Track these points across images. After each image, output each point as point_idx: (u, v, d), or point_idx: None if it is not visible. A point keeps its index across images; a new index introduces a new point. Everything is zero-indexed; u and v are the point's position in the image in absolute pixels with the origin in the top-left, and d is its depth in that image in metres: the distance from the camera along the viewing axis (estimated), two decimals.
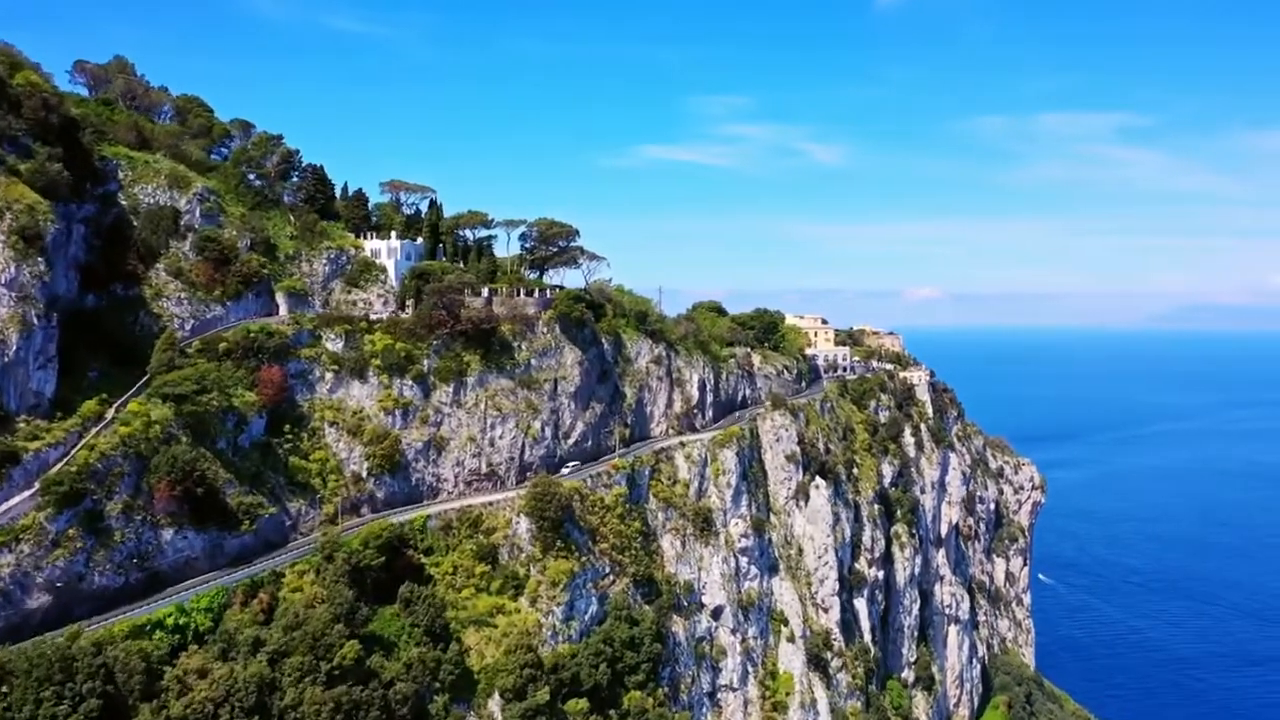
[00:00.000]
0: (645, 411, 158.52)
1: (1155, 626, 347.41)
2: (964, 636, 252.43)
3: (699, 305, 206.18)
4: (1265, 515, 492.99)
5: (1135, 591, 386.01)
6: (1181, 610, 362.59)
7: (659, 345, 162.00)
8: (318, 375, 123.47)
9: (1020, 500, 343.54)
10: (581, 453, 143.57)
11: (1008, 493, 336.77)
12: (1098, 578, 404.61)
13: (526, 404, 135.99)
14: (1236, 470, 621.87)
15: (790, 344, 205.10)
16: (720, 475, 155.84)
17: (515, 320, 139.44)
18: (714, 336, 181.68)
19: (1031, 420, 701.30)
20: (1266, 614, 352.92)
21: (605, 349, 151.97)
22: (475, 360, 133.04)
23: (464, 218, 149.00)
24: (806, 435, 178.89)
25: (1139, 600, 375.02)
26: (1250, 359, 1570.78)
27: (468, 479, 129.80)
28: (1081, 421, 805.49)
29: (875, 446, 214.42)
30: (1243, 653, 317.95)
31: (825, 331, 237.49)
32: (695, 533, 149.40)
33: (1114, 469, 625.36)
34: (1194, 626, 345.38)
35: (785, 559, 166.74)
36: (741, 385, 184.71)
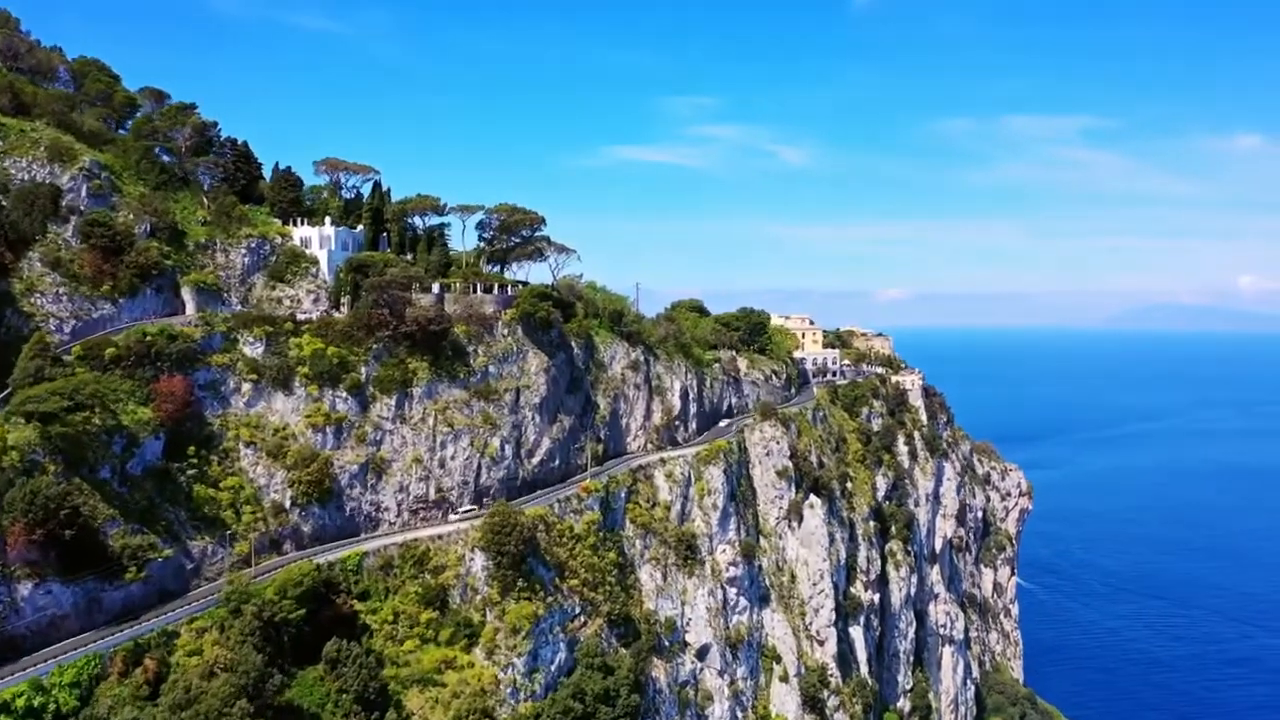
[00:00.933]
0: (621, 424, 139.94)
1: (1132, 629, 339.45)
2: (958, 657, 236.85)
3: (678, 304, 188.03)
4: (1237, 516, 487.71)
5: (1112, 594, 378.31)
6: (1158, 612, 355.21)
7: (636, 349, 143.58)
8: (232, 386, 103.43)
9: (1007, 507, 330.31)
10: (548, 473, 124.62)
11: (994, 500, 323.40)
12: (1074, 580, 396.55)
13: (483, 418, 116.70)
14: (1207, 471, 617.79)
15: (778, 347, 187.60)
16: (706, 496, 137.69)
17: (471, 321, 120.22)
18: (696, 339, 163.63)
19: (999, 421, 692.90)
20: (1242, 615, 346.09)
21: (575, 353, 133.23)
22: (423, 367, 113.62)
23: (412, 202, 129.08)
24: (799, 448, 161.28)
25: (1116, 603, 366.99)
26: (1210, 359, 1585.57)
27: (413, 507, 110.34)
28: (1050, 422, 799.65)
29: (869, 458, 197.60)
30: (1219, 654, 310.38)
31: (813, 333, 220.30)
32: (678, 562, 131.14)
33: (1086, 470, 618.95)
34: (1171, 628, 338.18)
35: (777, 587, 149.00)
36: (727, 393, 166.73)
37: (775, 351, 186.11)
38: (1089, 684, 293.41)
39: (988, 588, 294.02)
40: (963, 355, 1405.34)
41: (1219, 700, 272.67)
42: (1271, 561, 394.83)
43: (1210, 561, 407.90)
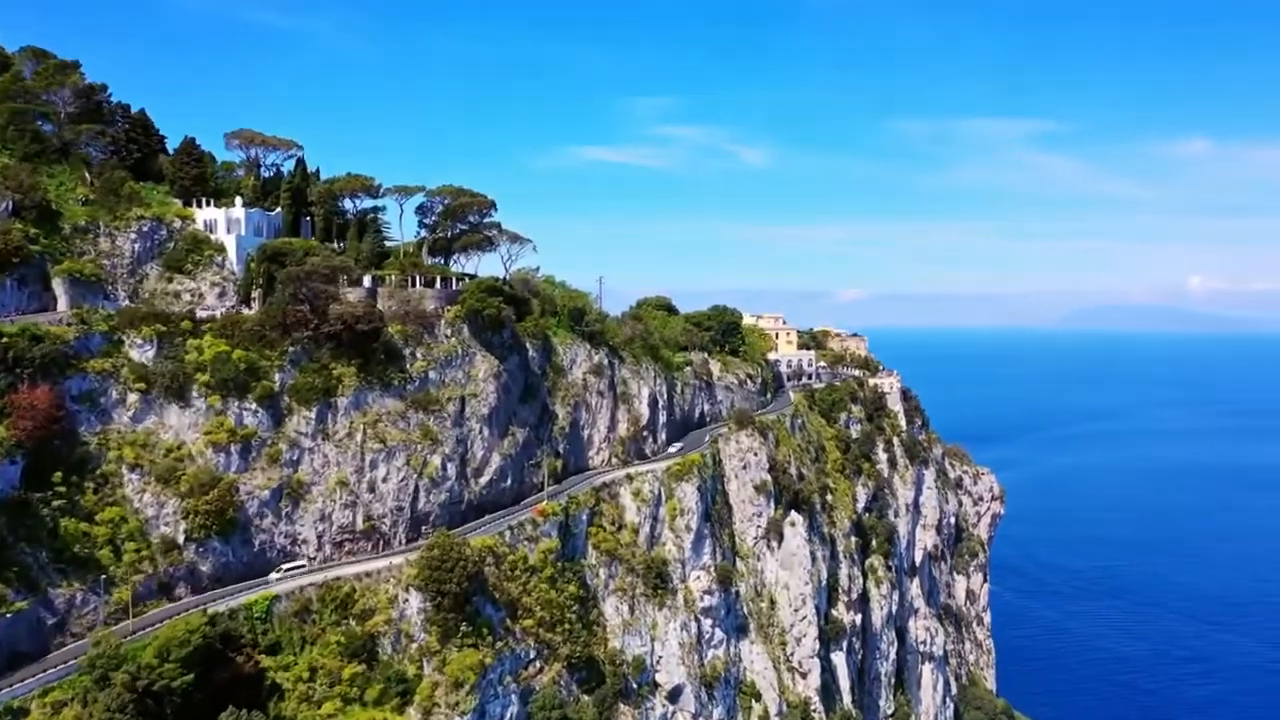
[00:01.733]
0: (582, 436, 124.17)
1: (1095, 628, 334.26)
2: (938, 674, 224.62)
3: (645, 302, 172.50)
4: (1194, 515, 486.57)
5: (1074, 594, 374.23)
6: (1120, 611, 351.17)
7: (599, 351, 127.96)
8: (114, 398, 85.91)
9: (980, 512, 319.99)
10: (498, 495, 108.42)
11: (967, 504, 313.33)
12: (1038, 581, 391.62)
13: (422, 432, 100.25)
14: (1166, 470, 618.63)
15: (753, 348, 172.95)
16: (678, 516, 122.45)
17: (408, 319, 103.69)
18: (665, 340, 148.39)
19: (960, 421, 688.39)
20: (1200, 614, 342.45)
21: (530, 356, 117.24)
22: (350, 374, 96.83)
23: (340, 183, 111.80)
24: (777, 459, 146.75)
25: (1078, 602, 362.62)
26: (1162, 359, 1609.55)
27: (337, 539, 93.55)
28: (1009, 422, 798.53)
29: (848, 467, 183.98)
30: (1180, 652, 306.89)
31: (787, 333, 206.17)
32: (647, 592, 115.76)
33: (1047, 470, 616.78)
34: (1133, 627, 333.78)
35: (755, 615, 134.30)
36: (699, 399, 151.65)
37: (750, 353, 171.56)
38: (1054, 685, 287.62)
39: (961, 596, 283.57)
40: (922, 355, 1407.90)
41: (1181, 698, 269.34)
42: (1227, 561, 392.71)
43: (1169, 561, 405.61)
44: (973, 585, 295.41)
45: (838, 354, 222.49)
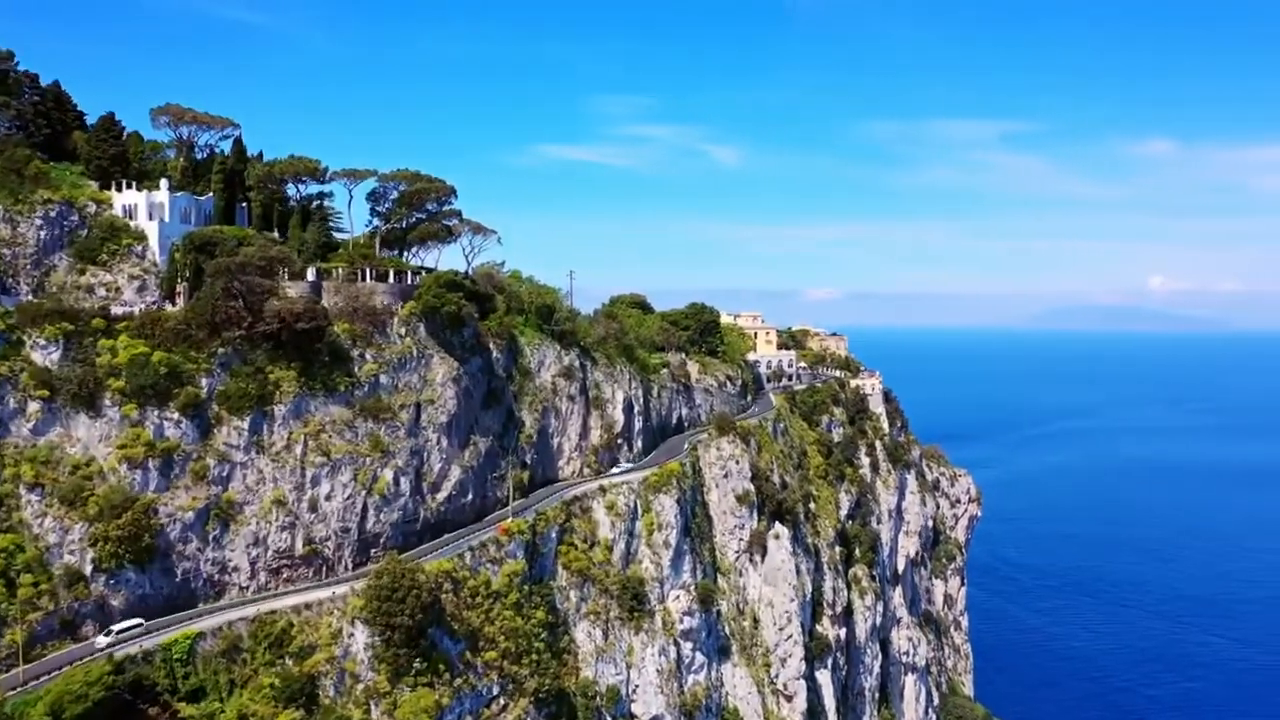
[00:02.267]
0: (552, 445, 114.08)
1: (1069, 628, 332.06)
2: (920, 686, 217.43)
3: (618, 299, 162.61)
4: (1165, 514, 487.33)
5: (1046, 593, 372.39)
6: (1091, 610, 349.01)
7: (570, 352, 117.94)
8: (12, 407, 74.66)
9: (957, 515, 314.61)
10: (458, 512, 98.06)
11: (944, 507, 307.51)
12: (1010, 580, 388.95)
13: (372, 443, 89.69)
14: (1134, 469, 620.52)
15: (732, 349, 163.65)
16: (655, 531, 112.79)
17: (357, 317, 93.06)
18: (641, 340, 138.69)
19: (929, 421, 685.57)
20: (1174, 614, 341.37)
21: (494, 358, 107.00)
22: (289, 378, 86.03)
23: (282, 165, 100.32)
24: (760, 467, 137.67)
25: (1050, 601, 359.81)
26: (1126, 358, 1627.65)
27: (273, 566, 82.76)
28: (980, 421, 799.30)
29: (831, 473, 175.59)
30: (1154, 653, 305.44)
31: (767, 333, 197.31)
32: (622, 615, 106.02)
33: (1018, 469, 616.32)
34: (1105, 627, 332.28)
35: (738, 635, 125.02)
36: (677, 403, 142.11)
37: (729, 354, 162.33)
38: (1027, 685, 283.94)
39: (939, 600, 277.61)
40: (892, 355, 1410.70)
41: (1152, 695, 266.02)
42: (1198, 559, 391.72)
43: (1138, 559, 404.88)
44: (950, 589, 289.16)
45: (818, 354, 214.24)
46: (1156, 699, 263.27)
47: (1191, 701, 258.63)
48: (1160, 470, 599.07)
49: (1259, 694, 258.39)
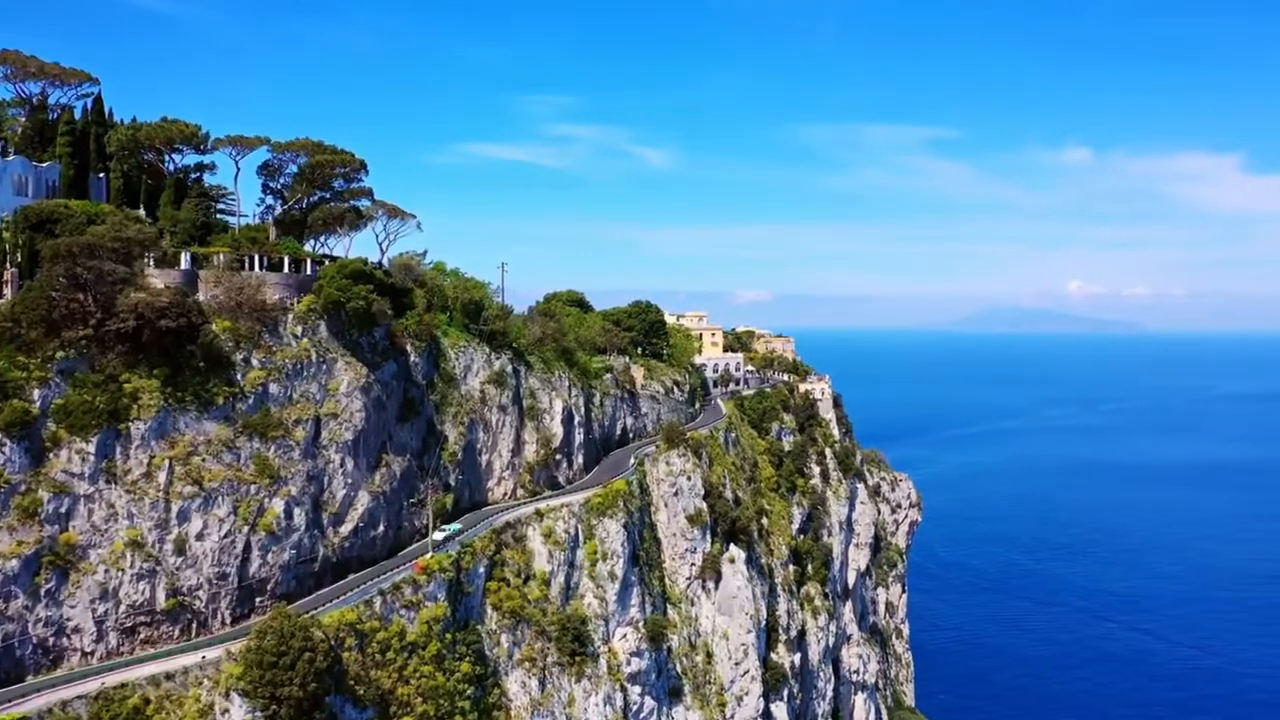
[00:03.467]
0: (480, 463, 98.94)
1: (997, 627, 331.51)
2: (870, 704, 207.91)
3: (554, 296, 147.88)
4: (1087, 512, 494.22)
5: (975, 592, 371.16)
6: (1020, 610, 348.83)
7: (501, 355, 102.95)
8: None
9: (898, 520, 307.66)
10: (367, 547, 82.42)
11: (885, 512, 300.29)
12: (939, 580, 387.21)
13: (258, 467, 73.55)
14: (1056, 468, 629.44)
15: (679, 351, 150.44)
16: (599, 561, 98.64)
17: (242, 313, 76.70)
18: (581, 341, 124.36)
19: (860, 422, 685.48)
20: (1098, 610, 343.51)
21: (412, 362, 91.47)
22: (151, 388, 69.42)
23: (150, 130, 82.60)
24: (712, 482, 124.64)
25: (981, 603, 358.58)
26: (1047, 359, 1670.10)
27: (126, 625, 66.14)
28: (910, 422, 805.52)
29: (782, 484, 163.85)
30: (1080, 649, 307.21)
31: (713, 334, 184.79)
32: (561, 661, 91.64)
33: (946, 469, 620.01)
34: (1033, 625, 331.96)
35: (690, 674, 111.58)
36: (621, 412, 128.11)
37: (676, 357, 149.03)
38: (960, 685, 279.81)
39: (880, 608, 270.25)
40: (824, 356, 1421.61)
41: (1079, 691, 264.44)
42: (1122, 558, 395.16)
43: (1063, 557, 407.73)
44: (891, 596, 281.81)
45: (765, 356, 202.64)
46: (1082, 693, 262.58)
47: (1114, 695, 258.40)
48: (1080, 469, 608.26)
49: (1179, 686, 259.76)
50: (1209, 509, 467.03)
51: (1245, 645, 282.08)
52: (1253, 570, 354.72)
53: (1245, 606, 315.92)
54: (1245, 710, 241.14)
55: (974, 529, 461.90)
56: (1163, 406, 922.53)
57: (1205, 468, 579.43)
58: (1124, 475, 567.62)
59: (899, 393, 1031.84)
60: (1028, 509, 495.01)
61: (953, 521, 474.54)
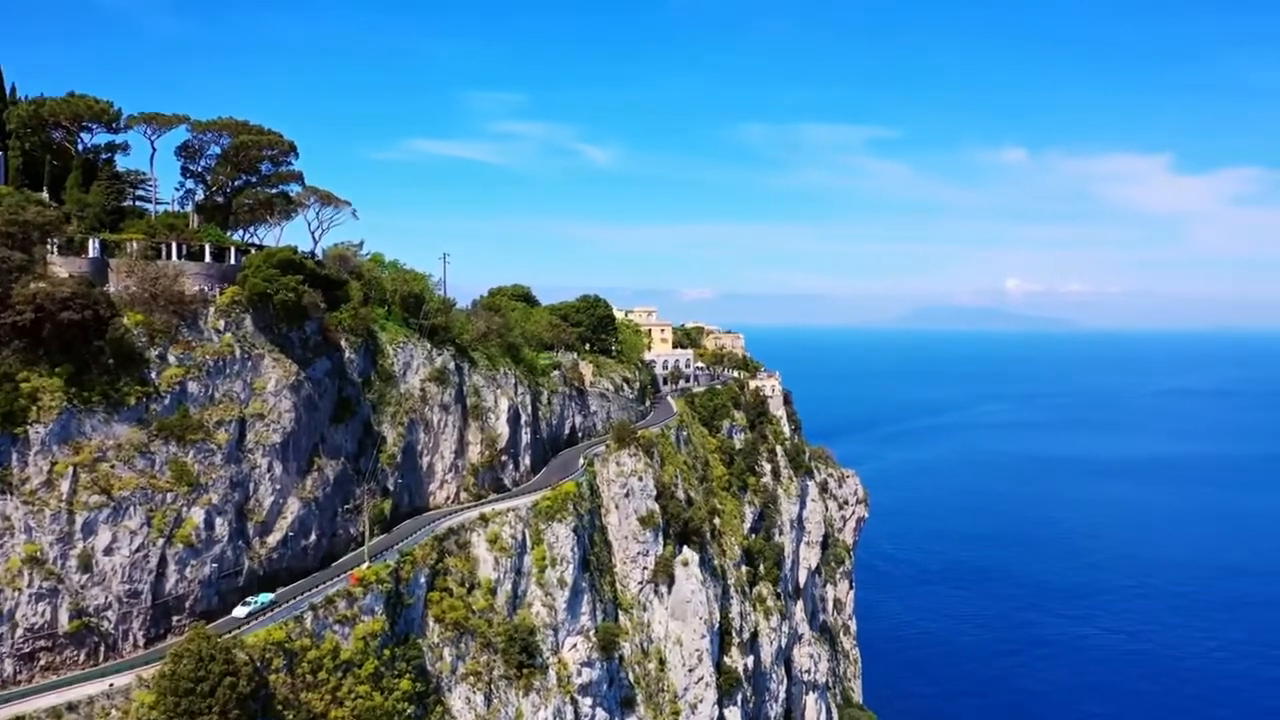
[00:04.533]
0: (421, 466, 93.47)
1: (941, 622, 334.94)
2: (821, 704, 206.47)
3: (500, 291, 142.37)
4: (1026, 505, 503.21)
5: (918, 586, 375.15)
6: (963, 603, 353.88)
7: (443, 351, 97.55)
8: None
9: (845, 517, 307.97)
10: (297, 558, 76.59)
11: (832, 509, 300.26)
12: (883, 575, 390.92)
13: (175, 473, 67.40)
14: (995, 462, 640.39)
15: (629, 347, 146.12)
16: (549, 568, 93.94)
17: (158, 306, 70.35)
18: (528, 336, 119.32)
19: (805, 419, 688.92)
20: (1038, 603, 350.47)
21: (347, 359, 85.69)
22: (53, 388, 62.91)
23: (54, 104, 75.36)
24: (664, 482, 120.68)
25: (923, 595, 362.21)
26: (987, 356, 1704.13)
27: (25, 650, 59.62)
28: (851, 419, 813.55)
29: (734, 483, 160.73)
30: (1021, 641, 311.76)
31: (663, 330, 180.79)
32: (508, 674, 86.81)
33: (889, 465, 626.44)
34: (976, 619, 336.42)
35: (643, 682, 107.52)
36: (570, 410, 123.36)
37: (626, 353, 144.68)
38: (905, 680, 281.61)
39: (829, 606, 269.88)
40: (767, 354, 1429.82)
41: (1024, 684, 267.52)
42: (1057, 549, 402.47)
43: (1004, 550, 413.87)
44: (839, 593, 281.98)
45: (715, 353, 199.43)
46: (1022, 681, 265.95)
47: (1056, 687, 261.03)
48: (1019, 463, 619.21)
49: (1115, 671, 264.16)
50: (1143, 502, 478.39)
51: (1177, 633, 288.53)
52: (1186, 561, 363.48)
53: (1178, 596, 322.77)
54: (1178, 694, 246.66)
55: (917, 524, 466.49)
56: (1097, 402, 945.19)
57: (1140, 462, 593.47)
58: (1062, 470, 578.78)
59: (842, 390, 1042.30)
60: (969, 503, 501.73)
61: (896, 517, 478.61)
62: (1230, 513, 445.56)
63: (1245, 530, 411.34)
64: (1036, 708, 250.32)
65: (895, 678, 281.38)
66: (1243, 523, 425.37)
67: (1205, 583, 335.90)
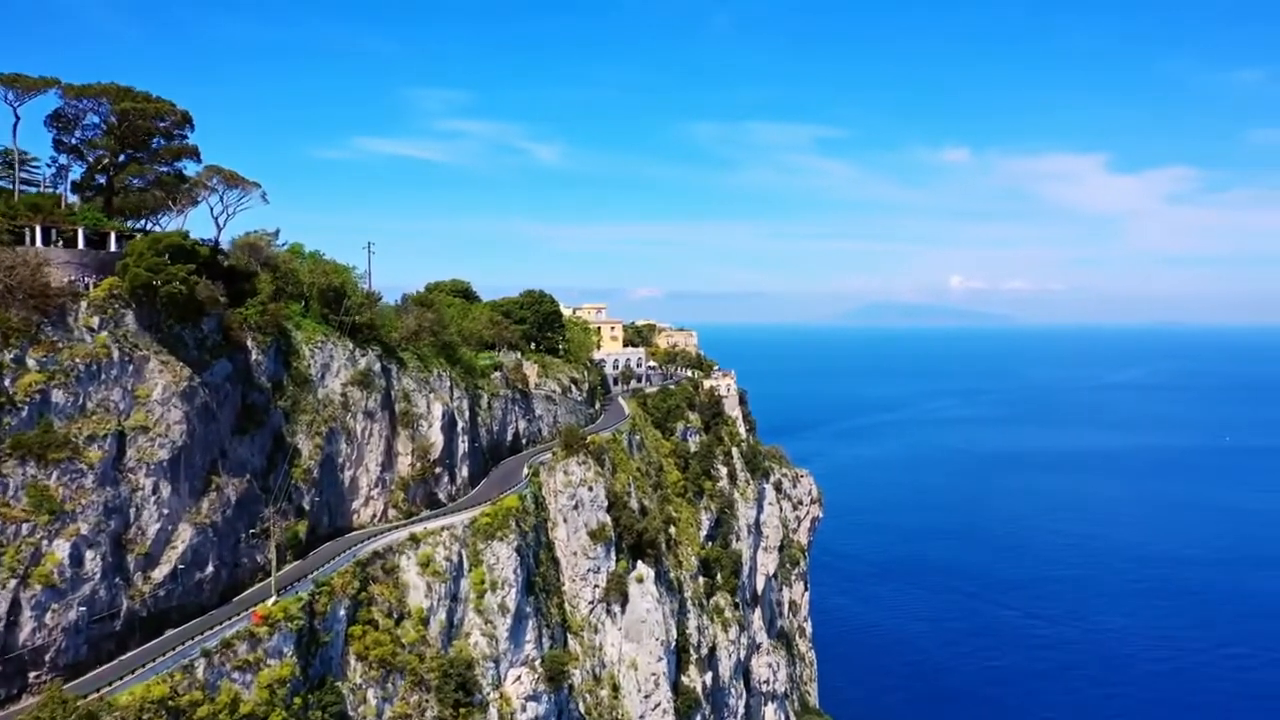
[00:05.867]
0: (342, 481, 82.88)
1: (892, 616, 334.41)
2: (780, 713, 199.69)
3: (438, 286, 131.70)
4: (973, 500, 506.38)
5: (869, 582, 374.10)
6: (913, 598, 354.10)
7: (368, 351, 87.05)
8: None
9: (799, 517, 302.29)
10: (190, 595, 65.69)
11: (786, 509, 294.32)
12: (835, 572, 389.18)
13: (34, 500, 56.28)
14: (941, 458, 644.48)
15: (577, 346, 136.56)
16: (488, 592, 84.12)
17: (13, 300, 59.06)
18: (466, 335, 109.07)
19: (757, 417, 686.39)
20: (987, 596, 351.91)
21: (254, 361, 74.82)
22: None
23: None
24: (616, 491, 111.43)
25: (874, 591, 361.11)
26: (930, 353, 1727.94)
27: None
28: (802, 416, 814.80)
29: (689, 488, 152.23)
30: (971, 634, 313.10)
31: (613, 328, 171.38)
32: (444, 714, 76.93)
33: (837, 461, 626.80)
34: (926, 613, 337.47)
35: (594, 711, 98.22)
36: (512, 415, 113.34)
37: (574, 352, 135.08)
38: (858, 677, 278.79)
39: (785, 609, 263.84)
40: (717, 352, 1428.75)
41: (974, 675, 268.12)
42: (1003, 542, 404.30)
43: (952, 544, 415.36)
44: (794, 595, 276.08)
45: (668, 351, 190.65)
46: (973, 672, 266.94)
47: (1005, 678, 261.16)
48: (965, 458, 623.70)
49: (1064, 661, 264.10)
50: (1088, 495, 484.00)
51: (1123, 621, 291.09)
52: (1131, 553, 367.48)
53: (1123, 585, 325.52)
54: (1125, 680, 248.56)
55: (866, 520, 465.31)
56: (1040, 397, 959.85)
57: (1084, 455, 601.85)
58: (1008, 464, 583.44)
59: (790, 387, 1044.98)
60: (917, 499, 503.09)
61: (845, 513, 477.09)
62: (1172, 504, 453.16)
63: (1185, 521, 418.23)
64: (990, 698, 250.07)
65: (850, 676, 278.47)
66: (1184, 514, 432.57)
67: (1150, 572, 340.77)
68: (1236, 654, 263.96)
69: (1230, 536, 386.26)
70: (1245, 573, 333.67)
